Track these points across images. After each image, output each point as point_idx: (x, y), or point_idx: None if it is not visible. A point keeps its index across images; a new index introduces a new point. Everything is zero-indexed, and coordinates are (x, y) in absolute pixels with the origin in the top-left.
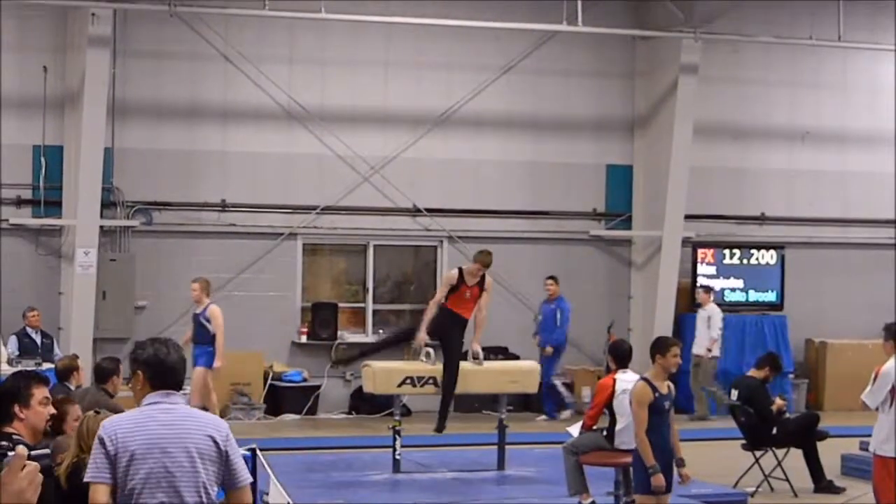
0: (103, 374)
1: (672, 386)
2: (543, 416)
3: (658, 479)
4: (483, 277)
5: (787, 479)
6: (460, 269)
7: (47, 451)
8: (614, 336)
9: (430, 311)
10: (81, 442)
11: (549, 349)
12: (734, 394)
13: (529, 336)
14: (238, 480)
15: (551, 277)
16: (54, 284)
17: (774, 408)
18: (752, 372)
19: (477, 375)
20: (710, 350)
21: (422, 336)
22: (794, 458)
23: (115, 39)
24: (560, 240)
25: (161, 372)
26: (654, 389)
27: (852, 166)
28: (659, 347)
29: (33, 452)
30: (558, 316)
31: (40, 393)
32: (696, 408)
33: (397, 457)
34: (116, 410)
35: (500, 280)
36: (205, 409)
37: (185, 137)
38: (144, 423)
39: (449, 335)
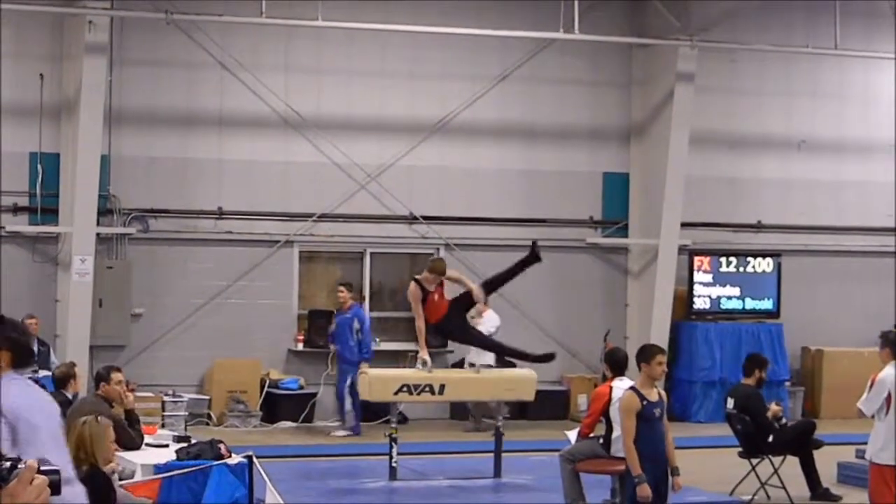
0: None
1: (663, 393)
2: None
3: (643, 490)
4: (441, 282)
5: (784, 487)
6: (416, 280)
7: (56, 466)
8: (611, 344)
9: (421, 331)
10: (82, 448)
11: (364, 365)
12: (730, 402)
13: (526, 344)
14: None
15: (343, 284)
16: (51, 292)
17: (770, 414)
18: (744, 380)
19: (473, 383)
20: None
21: (423, 354)
22: (791, 466)
23: (112, 47)
24: (556, 248)
25: (26, 355)
26: (642, 398)
27: (848, 175)
28: (644, 356)
29: (43, 467)
30: (356, 325)
31: None
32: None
33: (394, 464)
34: (111, 417)
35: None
36: None
37: (182, 145)
38: (19, 394)
39: (455, 335)
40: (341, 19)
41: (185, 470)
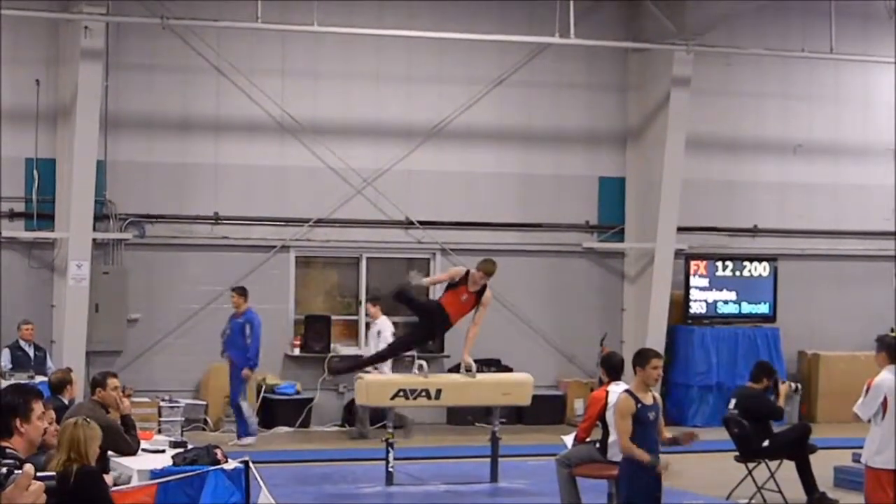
0: (92, 384)
1: (658, 397)
2: (235, 441)
3: (661, 467)
4: (483, 288)
5: (780, 491)
6: (468, 271)
7: (52, 473)
8: (607, 348)
9: (434, 280)
10: (73, 449)
11: (246, 371)
12: (732, 403)
13: (523, 348)
14: None
15: (235, 289)
16: (47, 297)
17: (783, 392)
18: (750, 384)
19: (470, 388)
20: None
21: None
22: (787, 470)
23: (108, 52)
24: (553, 252)
25: None
26: (637, 400)
27: (844, 178)
28: (640, 360)
29: (39, 473)
30: (248, 331)
31: (39, 408)
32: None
33: (390, 469)
34: (107, 423)
35: (493, 292)
36: None
37: (178, 150)
38: None
39: (426, 322)
40: (337, 24)
41: (182, 475)
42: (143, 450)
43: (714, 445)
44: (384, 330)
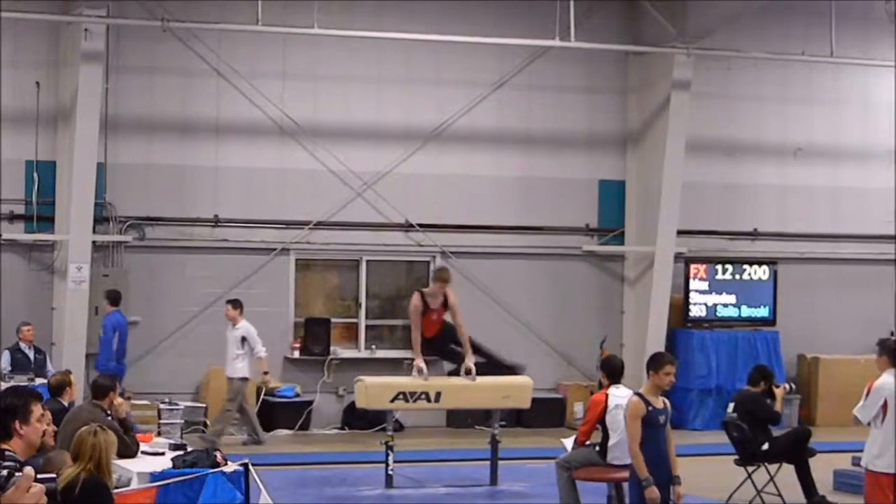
0: (101, 391)
1: (667, 401)
2: None
3: (651, 492)
4: (445, 297)
5: (780, 495)
6: (421, 293)
7: (54, 475)
8: (607, 352)
9: (417, 342)
10: (94, 458)
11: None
12: (730, 406)
13: (522, 351)
14: None
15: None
16: (47, 299)
17: (778, 399)
18: (748, 388)
19: (470, 391)
20: (266, 374)
21: (419, 362)
22: (787, 474)
23: (108, 55)
24: (552, 255)
25: None
26: (648, 404)
27: (844, 182)
28: (653, 364)
29: (41, 476)
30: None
31: (38, 410)
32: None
33: (390, 472)
34: (109, 426)
35: (493, 295)
36: None
37: (178, 153)
38: None
39: (442, 351)
40: (337, 27)
41: (182, 478)
42: (143, 452)
43: (714, 449)
44: (249, 334)
